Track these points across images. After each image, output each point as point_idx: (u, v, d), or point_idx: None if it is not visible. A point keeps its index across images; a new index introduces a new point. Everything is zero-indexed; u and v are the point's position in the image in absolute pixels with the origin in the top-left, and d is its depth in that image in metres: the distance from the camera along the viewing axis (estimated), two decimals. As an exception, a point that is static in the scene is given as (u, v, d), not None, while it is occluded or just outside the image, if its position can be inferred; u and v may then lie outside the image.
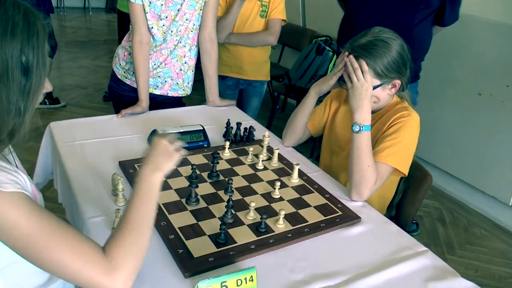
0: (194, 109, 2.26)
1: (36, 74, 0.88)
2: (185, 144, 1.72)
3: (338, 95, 1.81)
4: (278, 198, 1.48)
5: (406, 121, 1.55)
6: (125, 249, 0.91)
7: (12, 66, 0.84)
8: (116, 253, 0.89)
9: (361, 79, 1.50)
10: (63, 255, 0.85)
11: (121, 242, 0.91)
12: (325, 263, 1.22)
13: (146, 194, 1.00)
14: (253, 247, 1.22)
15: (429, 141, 3.41)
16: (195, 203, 1.39)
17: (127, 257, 0.90)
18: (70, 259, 0.86)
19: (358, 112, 1.51)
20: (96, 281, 0.86)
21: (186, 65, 2.21)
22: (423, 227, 3.05)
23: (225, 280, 1.05)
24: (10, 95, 0.85)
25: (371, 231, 1.38)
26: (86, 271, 0.86)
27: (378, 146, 1.54)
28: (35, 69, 0.87)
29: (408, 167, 1.57)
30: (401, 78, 1.55)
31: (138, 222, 0.95)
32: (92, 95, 4.82)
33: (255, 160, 1.70)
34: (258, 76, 2.82)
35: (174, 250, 1.18)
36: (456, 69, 3.29)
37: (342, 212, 1.43)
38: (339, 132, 1.76)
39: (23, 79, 0.86)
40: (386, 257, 1.27)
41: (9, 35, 0.83)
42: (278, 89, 4.06)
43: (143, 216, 0.97)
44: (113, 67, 2.29)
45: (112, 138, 1.80)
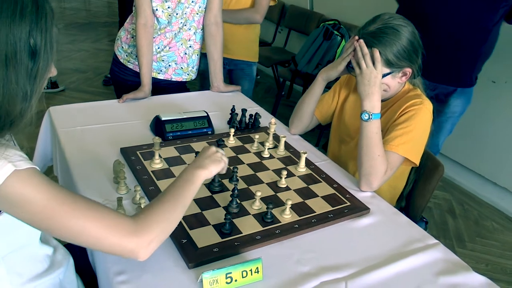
0: (198, 94, 2.25)
1: (43, 58, 0.88)
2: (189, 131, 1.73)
3: (348, 82, 1.80)
4: (284, 187, 1.48)
5: (418, 109, 1.54)
6: (157, 216, 0.97)
7: (20, 49, 0.84)
8: (146, 216, 0.96)
9: (370, 65, 1.48)
10: (84, 222, 0.89)
11: (154, 209, 0.98)
12: (332, 255, 1.22)
13: (188, 180, 1.08)
14: (258, 238, 1.22)
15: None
16: (219, 187, 1.41)
17: (156, 223, 0.95)
18: (93, 225, 0.89)
19: (367, 99, 1.50)
20: (121, 243, 0.91)
21: (191, 49, 2.21)
22: (432, 219, 3.06)
23: (230, 272, 1.05)
24: (19, 79, 0.85)
25: (380, 222, 1.38)
26: (110, 235, 0.90)
27: (389, 135, 1.54)
28: (42, 53, 0.87)
29: (419, 157, 1.56)
30: (412, 66, 1.53)
31: (175, 198, 1.02)
32: (92, 79, 4.81)
33: (261, 148, 1.70)
34: (243, 56, 2.79)
35: (177, 240, 1.18)
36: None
37: (350, 202, 1.43)
38: (349, 121, 1.76)
39: (31, 63, 0.86)
40: (396, 249, 1.27)
41: (18, 17, 0.83)
42: (283, 74, 4.04)
43: (180, 195, 1.03)
44: (115, 50, 2.28)
45: (114, 124, 1.80)
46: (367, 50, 1.49)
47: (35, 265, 1.06)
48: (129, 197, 1.34)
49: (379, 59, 1.48)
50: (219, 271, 1.04)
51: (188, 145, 1.66)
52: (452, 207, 3.22)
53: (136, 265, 1.09)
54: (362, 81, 1.51)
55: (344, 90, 1.81)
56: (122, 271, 1.07)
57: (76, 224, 0.89)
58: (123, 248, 0.92)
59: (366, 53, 1.49)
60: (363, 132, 1.50)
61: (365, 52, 1.49)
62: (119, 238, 0.91)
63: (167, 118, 1.72)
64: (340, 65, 1.62)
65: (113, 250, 0.92)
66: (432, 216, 3.09)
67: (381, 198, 1.50)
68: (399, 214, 1.44)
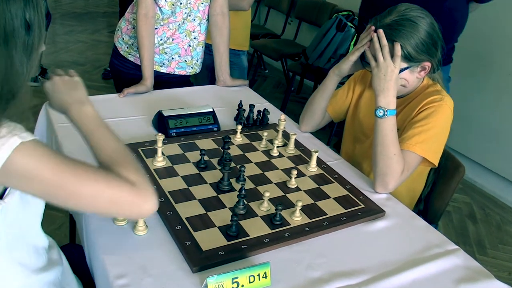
0: (203, 89, 2.25)
1: (37, 31, 0.94)
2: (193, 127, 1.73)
3: (363, 77, 1.80)
4: (294, 188, 1.48)
5: (438, 106, 1.53)
6: (136, 173, 1.02)
7: (18, 25, 0.89)
8: (132, 177, 1.00)
9: (388, 58, 1.47)
10: (92, 188, 0.95)
11: (128, 170, 1.02)
12: (345, 260, 1.21)
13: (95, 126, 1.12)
14: (267, 241, 1.22)
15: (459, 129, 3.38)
16: (228, 187, 1.42)
17: (141, 178, 1.02)
18: (101, 190, 0.96)
19: (382, 95, 1.49)
20: (133, 202, 0.99)
21: (195, 41, 2.21)
22: (451, 223, 3.04)
23: (237, 276, 1.05)
24: (17, 54, 0.91)
25: (396, 226, 1.38)
26: (122, 196, 0.98)
27: (406, 133, 1.53)
28: (36, 27, 0.93)
29: (438, 157, 1.55)
30: (431, 60, 1.52)
31: (118, 152, 1.08)
32: (90, 73, 4.83)
33: (270, 146, 1.70)
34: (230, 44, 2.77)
35: (181, 242, 1.18)
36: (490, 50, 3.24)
37: (364, 204, 1.43)
38: (363, 118, 1.75)
39: (27, 37, 0.92)
40: (413, 255, 1.26)
41: None
42: (293, 69, 4.04)
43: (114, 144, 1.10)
44: (115, 42, 2.29)
45: (114, 120, 1.80)
46: (386, 41, 1.48)
47: (37, 258, 1.09)
48: (130, 196, 1.34)
49: (399, 53, 1.47)
50: (225, 276, 1.04)
51: (192, 142, 1.67)
52: (473, 212, 3.21)
53: (137, 269, 1.10)
54: (377, 74, 1.50)
55: (359, 85, 1.80)
56: (122, 275, 1.08)
57: (87, 188, 0.95)
58: (135, 202, 0.99)
59: (385, 44, 1.48)
60: (377, 130, 1.50)
61: (384, 44, 1.48)
62: (129, 194, 0.98)
63: (170, 114, 1.72)
64: (353, 55, 1.61)
65: (127, 208, 1.00)
66: (451, 220, 3.08)
67: (397, 200, 1.50)
68: (417, 218, 1.44)
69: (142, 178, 1.02)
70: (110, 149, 1.08)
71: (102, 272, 1.13)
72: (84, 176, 0.94)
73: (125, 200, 0.98)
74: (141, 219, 1.20)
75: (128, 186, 0.98)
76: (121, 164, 1.03)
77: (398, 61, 1.47)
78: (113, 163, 1.04)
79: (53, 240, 1.19)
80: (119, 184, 0.98)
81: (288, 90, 4.09)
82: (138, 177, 1.01)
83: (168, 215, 1.28)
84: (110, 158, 1.06)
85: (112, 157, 1.06)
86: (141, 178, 1.02)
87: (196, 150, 1.61)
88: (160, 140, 1.47)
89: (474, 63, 3.34)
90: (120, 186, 0.97)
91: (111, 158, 1.05)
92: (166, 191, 1.37)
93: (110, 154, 1.07)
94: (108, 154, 1.07)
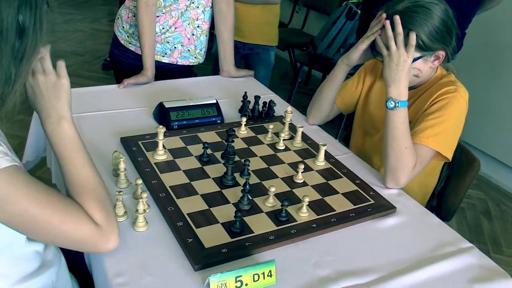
0: (206, 80, 2.25)
1: (31, 37, 0.88)
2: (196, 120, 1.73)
3: (374, 67, 1.78)
4: (301, 183, 1.47)
5: (452, 98, 1.52)
6: (107, 212, 1.04)
7: (7, 26, 0.84)
8: (97, 216, 1.02)
9: (402, 47, 1.46)
10: (63, 226, 0.96)
11: (95, 206, 1.03)
12: (354, 259, 1.21)
13: (70, 151, 1.07)
14: (272, 238, 1.22)
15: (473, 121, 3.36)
16: (232, 181, 1.41)
17: (105, 216, 1.03)
18: (72, 229, 0.98)
19: (393, 85, 1.48)
20: (94, 243, 1.02)
21: (199, 29, 2.20)
22: (465, 220, 3.03)
23: (240, 275, 1.05)
24: (3, 60, 0.86)
25: (408, 223, 1.37)
26: (84, 237, 1.00)
27: (418, 126, 1.52)
28: (31, 32, 0.88)
29: (452, 151, 1.54)
30: (445, 48, 1.51)
31: (90, 184, 1.06)
32: (90, 63, 4.83)
33: (276, 139, 1.69)
34: (259, 40, 2.77)
35: (182, 239, 1.18)
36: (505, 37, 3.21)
37: (374, 200, 1.42)
38: (374, 111, 1.74)
39: (17, 42, 0.86)
40: (425, 253, 1.26)
41: None
42: (301, 59, 4.03)
43: (88, 173, 1.07)
44: (115, 31, 2.28)
45: (113, 112, 1.80)
46: (401, 29, 1.45)
47: (24, 265, 1.07)
48: (130, 191, 1.35)
49: (414, 42, 1.45)
50: (228, 274, 1.04)
51: (195, 135, 1.66)
52: (488, 208, 3.20)
53: (137, 266, 1.10)
54: (389, 64, 1.48)
55: (369, 76, 1.79)
56: (121, 273, 1.07)
57: (57, 228, 0.96)
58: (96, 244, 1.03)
59: (400, 32, 1.45)
60: (388, 122, 1.49)
61: (399, 32, 1.46)
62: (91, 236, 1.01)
63: (172, 106, 1.71)
64: (363, 43, 1.59)
65: (86, 247, 1.04)
66: (465, 217, 3.07)
67: (409, 196, 1.49)
68: (429, 214, 1.43)
69: (108, 217, 1.04)
70: (82, 179, 1.06)
71: (100, 270, 1.12)
72: (55, 214, 0.95)
73: (87, 240, 1.01)
74: (141, 215, 1.20)
75: (92, 228, 1.01)
76: (90, 198, 1.04)
77: (412, 50, 1.46)
78: (81, 195, 1.04)
79: None
80: (85, 224, 1.00)
81: (295, 81, 4.07)
82: (104, 216, 1.03)
83: (169, 211, 1.27)
84: (80, 189, 1.05)
85: (83, 189, 1.05)
86: (107, 216, 1.04)
87: (198, 143, 1.61)
88: (161, 132, 1.47)
89: (489, 51, 3.31)
90: (85, 226, 1.00)
91: (81, 190, 1.05)
92: (167, 186, 1.37)
93: (81, 185, 1.05)
94: (79, 184, 1.06)
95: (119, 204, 1.23)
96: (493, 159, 3.42)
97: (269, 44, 2.83)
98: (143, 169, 1.44)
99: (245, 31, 2.69)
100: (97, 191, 1.06)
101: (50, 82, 1.06)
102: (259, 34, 2.76)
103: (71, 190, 1.05)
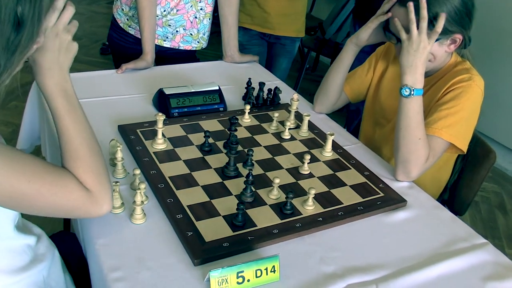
0: (209, 65, 2.24)
1: (28, 30, 0.87)
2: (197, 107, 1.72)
3: (387, 53, 1.76)
4: (307, 174, 1.47)
5: (467, 87, 1.50)
6: (99, 177, 1.06)
7: (4, 18, 0.82)
8: (89, 182, 1.04)
9: (424, 33, 1.42)
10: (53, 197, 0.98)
11: (88, 171, 1.05)
12: (361, 254, 1.21)
13: (70, 107, 1.09)
14: (276, 232, 1.22)
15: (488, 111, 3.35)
16: (234, 172, 1.41)
17: (97, 182, 1.05)
18: (64, 199, 1.00)
19: (409, 72, 1.46)
20: (85, 209, 1.04)
21: (202, 12, 2.19)
22: (479, 215, 3.03)
23: (242, 270, 1.05)
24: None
25: (419, 217, 1.37)
26: (75, 204, 1.02)
27: (431, 116, 1.51)
28: (28, 24, 0.86)
29: (467, 143, 1.53)
30: (463, 32, 1.49)
31: (87, 143, 1.08)
32: (88, 47, 4.83)
33: (281, 128, 1.68)
34: (287, 31, 2.76)
35: (182, 232, 1.18)
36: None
37: (384, 193, 1.42)
38: (385, 100, 1.73)
39: (13, 34, 0.85)
40: (436, 249, 1.25)
41: None
42: (308, 44, 4.01)
43: (84, 134, 1.08)
44: (114, 13, 2.27)
45: (111, 98, 1.80)
46: (426, 13, 1.41)
47: (13, 259, 1.06)
48: (127, 182, 1.34)
49: (440, 29, 1.41)
50: (230, 269, 1.04)
51: (196, 124, 1.66)
52: (503, 202, 3.19)
53: (134, 260, 1.09)
54: (407, 49, 1.45)
55: (381, 62, 1.77)
56: (117, 267, 1.07)
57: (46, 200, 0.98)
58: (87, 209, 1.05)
59: (425, 17, 1.41)
60: (402, 111, 1.47)
61: (423, 16, 1.41)
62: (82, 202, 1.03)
63: (172, 92, 1.71)
64: (372, 22, 1.57)
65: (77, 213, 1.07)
66: (479, 211, 3.06)
67: (420, 188, 1.49)
68: (442, 208, 1.43)
69: (100, 181, 1.06)
70: (78, 140, 1.07)
71: (96, 263, 1.12)
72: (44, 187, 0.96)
73: (79, 207, 1.03)
74: (139, 207, 1.20)
75: (83, 195, 1.02)
76: (83, 161, 1.05)
77: (435, 37, 1.43)
78: (75, 159, 1.05)
79: (43, 232, 1.18)
80: (75, 192, 1.01)
81: (302, 67, 4.06)
82: (95, 180, 1.04)
83: (168, 203, 1.27)
84: (75, 151, 1.06)
85: (77, 151, 1.06)
86: (100, 181, 1.05)
87: (200, 132, 1.60)
88: (161, 120, 1.46)
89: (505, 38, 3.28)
90: (76, 194, 1.01)
91: (76, 152, 1.05)
92: (167, 176, 1.37)
93: (76, 147, 1.06)
94: (74, 146, 1.06)
95: (115, 195, 1.22)
96: (509, 150, 3.40)
97: (297, 36, 2.81)
98: (142, 158, 1.43)
99: (273, 23, 2.68)
100: (92, 155, 1.07)
101: (66, 42, 1.08)
102: (288, 25, 2.74)
103: (65, 154, 1.06)
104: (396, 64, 1.67)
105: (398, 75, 1.52)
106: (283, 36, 2.76)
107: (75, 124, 1.08)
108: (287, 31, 2.75)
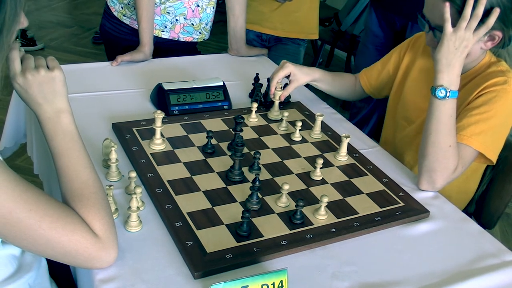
0: (212, 58, 2.25)
1: (10, 5, 0.89)
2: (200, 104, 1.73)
3: (415, 44, 1.76)
4: (319, 180, 1.47)
5: (501, 91, 1.49)
6: (104, 219, 1.05)
7: None
8: (97, 226, 1.03)
9: (470, 31, 1.40)
10: (53, 233, 0.96)
11: (94, 213, 1.04)
12: (378, 270, 1.21)
13: (69, 146, 1.09)
14: (284, 243, 1.22)
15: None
16: (239, 177, 1.42)
17: (107, 227, 1.04)
18: (65, 238, 0.98)
19: (446, 71, 1.44)
20: (91, 257, 1.02)
21: (205, 0, 2.19)
22: (510, 228, 3.02)
23: (247, 285, 1.05)
24: None
25: (443, 230, 1.37)
26: (80, 249, 1.00)
27: (461, 122, 1.50)
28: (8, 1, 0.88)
29: (497, 153, 1.53)
30: (504, 30, 1.46)
31: (89, 186, 1.07)
32: (79, 36, 4.85)
33: (291, 129, 1.69)
34: (290, 32, 2.67)
35: (181, 242, 1.18)
36: None
37: (404, 203, 1.42)
38: (410, 97, 1.73)
39: None
40: (463, 266, 1.25)
41: None
42: (323, 36, 3.99)
43: (86, 175, 1.08)
44: (107, 1, 2.28)
45: (104, 93, 1.81)
46: (482, 10, 1.38)
47: None
48: (122, 185, 1.35)
49: (491, 25, 1.39)
50: (233, 283, 1.04)
51: (198, 123, 1.67)
52: (537, 215, 3.18)
53: (128, 272, 1.10)
54: (447, 45, 1.42)
55: (408, 54, 1.76)
56: (109, 279, 1.08)
57: (44, 232, 0.96)
58: (94, 257, 1.03)
59: (479, 15, 1.38)
60: (433, 114, 1.46)
61: (478, 14, 1.38)
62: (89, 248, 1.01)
63: (172, 88, 1.72)
64: None
65: (83, 261, 1.03)
66: (510, 224, 3.05)
67: (445, 198, 1.49)
68: (469, 221, 1.43)
69: (108, 226, 1.05)
70: (80, 180, 1.07)
71: (85, 274, 1.13)
72: (45, 219, 0.95)
73: (81, 252, 1.01)
74: (134, 213, 1.20)
75: (89, 238, 1.01)
76: (89, 204, 1.04)
77: (480, 34, 1.41)
78: (79, 200, 1.05)
79: None
80: (80, 233, 1.00)
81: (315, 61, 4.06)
82: (104, 224, 1.04)
83: (166, 209, 1.28)
84: (78, 192, 1.06)
85: (82, 192, 1.06)
86: (107, 225, 1.05)
87: (202, 131, 1.61)
88: (159, 118, 1.47)
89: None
90: (80, 236, 1.00)
91: (79, 193, 1.06)
92: (165, 180, 1.38)
93: (78, 187, 1.06)
94: (76, 186, 1.06)
95: (109, 200, 1.23)
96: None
97: (303, 37, 2.72)
98: (138, 160, 1.44)
99: (274, 22, 2.57)
100: (97, 195, 1.07)
101: (41, 76, 1.09)
102: (291, 24, 2.60)
103: (68, 194, 1.06)
104: (425, 56, 1.67)
105: (426, 69, 1.50)
106: (285, 38, 2.70)
107: (78, 165, 1.09)
108: (290, 31, 2.65)
